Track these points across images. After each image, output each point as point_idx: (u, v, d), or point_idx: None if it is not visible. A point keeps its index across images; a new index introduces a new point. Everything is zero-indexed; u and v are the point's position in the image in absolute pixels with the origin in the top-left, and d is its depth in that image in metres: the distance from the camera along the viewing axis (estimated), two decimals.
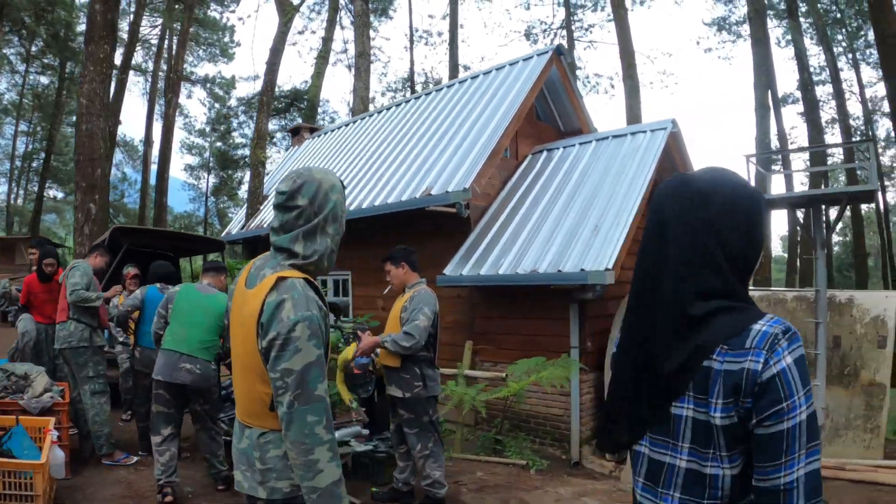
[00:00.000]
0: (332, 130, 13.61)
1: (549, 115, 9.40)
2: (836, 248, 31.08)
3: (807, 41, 25.36)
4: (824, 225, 6.36)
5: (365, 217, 8.59)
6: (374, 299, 9.11)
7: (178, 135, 34.95)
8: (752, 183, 10.11)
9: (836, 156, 24.41)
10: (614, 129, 8.04)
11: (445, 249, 7.65)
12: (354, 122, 13.00)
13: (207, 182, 38.60)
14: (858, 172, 19.03)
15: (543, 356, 6.26)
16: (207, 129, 37.15)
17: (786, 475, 1.06)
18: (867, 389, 6.16)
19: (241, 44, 29.12)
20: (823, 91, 25.24)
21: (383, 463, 4.76)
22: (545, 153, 8.37)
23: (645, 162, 7.07)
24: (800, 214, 7.51)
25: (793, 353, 1.09)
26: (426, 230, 8.07)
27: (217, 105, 35.90)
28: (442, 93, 10.43)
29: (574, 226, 6.76)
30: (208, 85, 35.44)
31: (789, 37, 21.85)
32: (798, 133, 27.80)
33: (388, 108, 11.87)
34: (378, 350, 4.21)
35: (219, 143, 36.74)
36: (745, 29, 24.64)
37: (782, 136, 19.62)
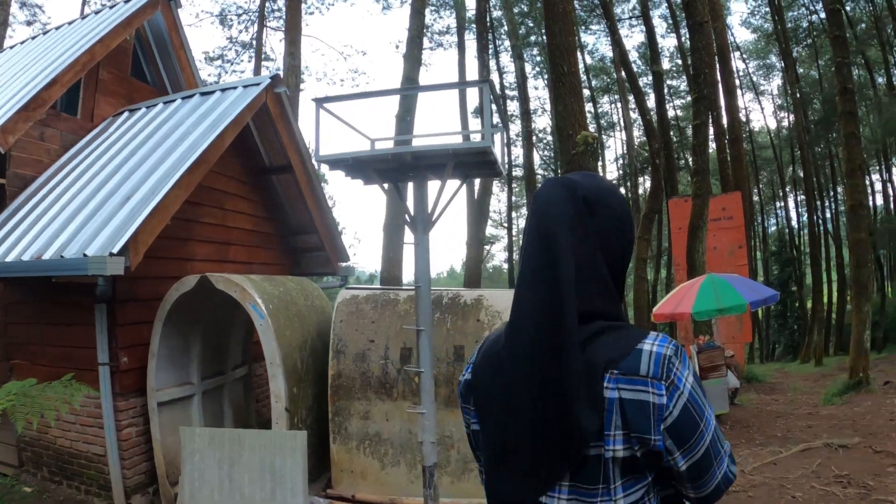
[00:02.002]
0: None
1: (157, 76, 7.66)
2: None
3: (506, 58, 27.11)
4: (432, 201, 5.14)
5: None
6: None
7: None
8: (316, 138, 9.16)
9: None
10: (206, 87, 6.60)
11: None
12: None
13: None
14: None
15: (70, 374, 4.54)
16: None
17: (716, 474, 1.05)
18: None
19: None
20: (516, 107, 26.31)
21: None
22: (127, 114, 6.65)
23: (220, 120, 5.70)
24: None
25: (688, 369, 1.02)
26: None
27: None
28: (36, 40, 8.22)
29: (106, 197, 5.16)
30: None
31: (492, 50, 22.93)
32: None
33: None
34: None
35: None
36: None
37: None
